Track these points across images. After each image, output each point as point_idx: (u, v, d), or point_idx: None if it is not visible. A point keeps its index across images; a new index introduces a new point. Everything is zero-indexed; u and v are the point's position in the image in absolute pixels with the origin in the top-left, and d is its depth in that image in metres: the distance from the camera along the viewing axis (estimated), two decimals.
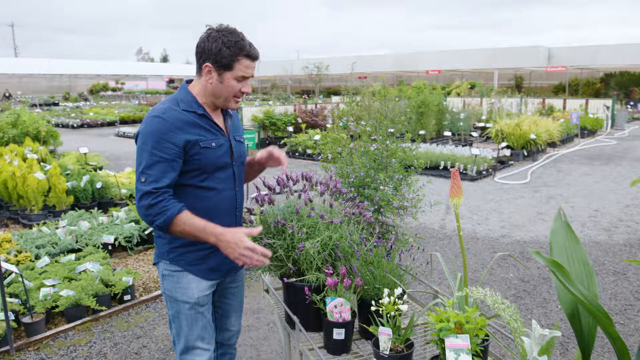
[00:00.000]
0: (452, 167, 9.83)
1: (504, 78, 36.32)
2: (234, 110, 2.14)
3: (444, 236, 5.94)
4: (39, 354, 3.39)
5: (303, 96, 30.58)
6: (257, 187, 2.31)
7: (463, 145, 12.62)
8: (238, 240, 1.84)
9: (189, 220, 1.87)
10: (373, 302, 1.86)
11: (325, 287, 2.10)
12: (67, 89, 44.44)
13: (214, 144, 2.01)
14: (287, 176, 2.37)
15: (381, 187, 2.44)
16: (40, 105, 30.92)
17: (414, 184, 2.61)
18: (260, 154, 2.28)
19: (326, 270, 2.09)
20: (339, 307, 2.03)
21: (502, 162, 10.64)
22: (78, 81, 46.57)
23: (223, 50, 1.91)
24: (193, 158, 1.95)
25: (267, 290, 2.82)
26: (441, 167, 9.95)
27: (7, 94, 32.31)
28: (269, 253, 1.87)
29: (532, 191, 8.29)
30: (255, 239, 2.26)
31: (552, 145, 12.97)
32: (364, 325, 2.03)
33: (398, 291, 1.84)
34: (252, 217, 2.30)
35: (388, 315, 1.81)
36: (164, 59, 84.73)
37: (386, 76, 41.30)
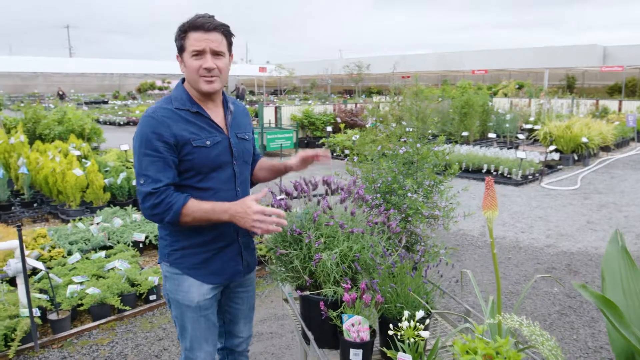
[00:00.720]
0: (496, 170, 9.41)
1: (555, 78, 34.87)
2: (209, 90, 1.91)
3: (484, 244, 5.63)
4: (62, 352, 3.37)
5: (344, 96, 30.39)
6: (272, 192, 2.15)
7: (508, 148, 12.09)
8: (246, 207, 1.78)
9: (197, 208, 1.83)
10: (391, 325, 1.67)
11: (343, 302, 1.93)
12: (116, 87, 46.02)
13: (208, 143, 1.91)
14: (305, 181, 2.21)
15: (409, 195, 2.24)
16: (90, 103, 32.13)
17: (447, 191, 2.39)
18: (292, 161, 2.17)
19: (344, 285, 1.92)
20: (356, 326, 1.85)
21: (549, 167, 10.11)
22: (127, 80, 48.13)
23: (176, 35, 1.88)
24: (186, 158, 1.88)
25: (286, 300, 2.67)
26: (484, 171, 9.54)
27: (60, 93, 33.72)
28: (282, 213, 1.82)
29: (582, 198, 7.79)
30: (269, 248, 2.12)
31: (606, 149, 12.24)
32: (383, 349, 1.84)
33: (419, 314, 1.64)
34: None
35: (409, 339, 1.62)
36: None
37: (430, 76, 40.52)
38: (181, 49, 1.88)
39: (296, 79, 37.62)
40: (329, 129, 13.54)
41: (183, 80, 2.01)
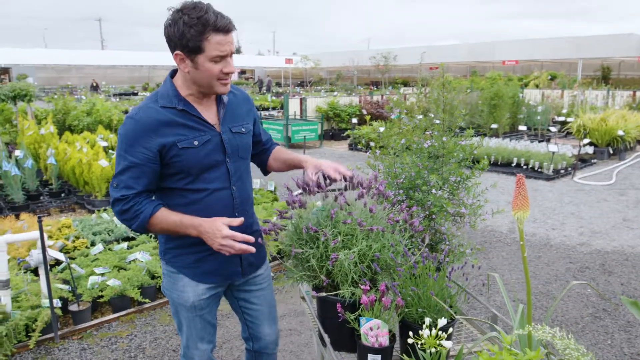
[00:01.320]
0: (526, 164, 9.11)
1: (589, 69, 33.74)
2: (224, 92, 1.82)
3: (512, 241, 5.43)
4: (81, 344, 3.38)
5: (370, 87, 30.09)
6: (288, 188, 2.06)
7: (540, 141, 11.71)
8: (215, 229, 1.71)
9: (164, 219, 1.77)
10: (411, 333, 1.56)
11: (362, 305, 1.83)
12: (146, 79, 46.71)
13: (196, 142, 1.80)
14: (324, 175, 2.11)
15: (433, 191, 2.12)
16: (121, 95, 32.67)
17: (474, 188, 2.26)
18: (308, 164, 2.04)
19: (362, 286, 1.82)
20: (375, 330, 1.75)
21: (583, 161, 9.74)
22: (156, 72, 48.79)
23: (186, 31, 1.66)
24: (172, 161, 1.78)
25: (303, 298, 2.59)
26: (514, 164, 9.26)
27: (94, 84, 34.44)
28: (251, 239, 1.75)
29: (617, 194, 7.47)
30: (285, 245, 2.03)
31: None
32: (403, 356, 1.73)
33: (442, 322, 1.53)
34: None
35: (430, 348, 1.51)
36: (237, 50, 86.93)
37: (459, 67, 39.76)
38: (196, 50, 1.68)
39: (322, 71, 37.44)
40: (355, 120, 13.38)
41: (172, 74, 1.87)
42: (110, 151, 8.14)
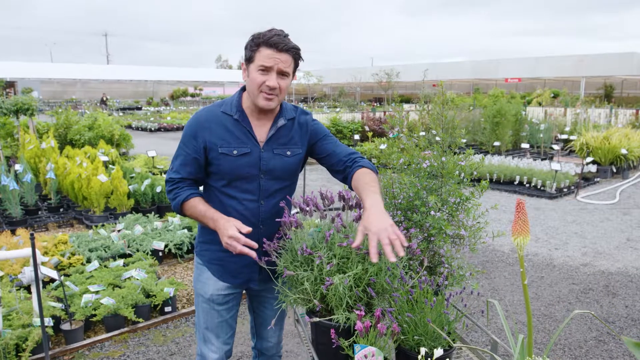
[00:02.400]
0: (529, 182, 9.05)
1: (592, 87, 33.79)
2: (265, 107, 1.92)
3: (515, 261, 5.35)
4: None
5: (372, 104, 30.18)
6: (285, 207, 2.01)
7: (542, 159, 11.67)
8: (225, 228, 1.84)
9: (195, 207, 1.96)
10: None
11: (356, 331, 1.76)
12: (150, 94, 47.06)
13: (235, 152, 1.95)
14: (321, 195, 2.05)
15: (432, 213, 2.06)
16: (124, 109, 32.83)
17: (474, 209, 2.20)
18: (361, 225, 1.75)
19: (357, 312, 1.75)
20: (369, 358, 1.69)
21: (586, 179, 9.67)
22: (161, 87, 49.16)
23: (248, 44, 1.91)
24: (212, 162, 1.97)
25: (297, 321, 2.51)
26: (516, 182, 9.20)
27: (104, 99, 34.69)
28: (254, 244, 1.83)
29: (621, 213, 7.38)
30: (279, 266, 1.96)
31: None
32: None
33: (438, 353, 1.46)
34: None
35: None
36: (239, 67, 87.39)
37: (462, 84, 39.88)
38: (250, 59, 1.91)
39: (325, 87, 37.60)
40: (357, 137, 13.37)
41: (244, 88, 2.04)
42: (110, 166, 8.12)
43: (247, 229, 1.84)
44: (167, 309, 3.95)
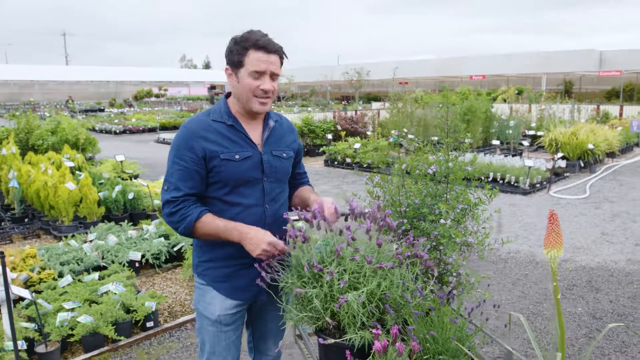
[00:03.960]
0: (502, 179, 9.16)
1: (553, 83, 34.82)
2: (260, 111, 1.93)
3: (498, 259, 5.36)
4: None
5: (342, 102, 30.20)
6: (288, 219, 1.90)
7: (513, 155, 11.86)
8: (262, 235, 1.81)
9: (210, 223, 1.85)
10: None
11: (372, 351, 1.66)
12: (113, 95, 45.75)
13: (237, 157, 1.90)
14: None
15: (442, 221, 1.97)
16: (87, 111, 31.79)
17: (481, 215, 2.13)
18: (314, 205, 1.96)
19: (374, 330, 1.65)
20: None
21: (556, 174, 9.87)
22: (123, 88, 47.88)
23: (233, 47, 1.85)
24: (214, 170, 1.89)
25: (299, 336, 2.39)
26: (490, 179, 9.30)
27: (70, 100, 33.57)
28: (287, 250, 1.85)
29: (592, 207, 7.54)
30: (284, 283, 1.84)
31: (610, 155, 12.02)
32: None
33: None
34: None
35: None
36: (207, 66, 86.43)
37: (428, 82, 40.39)
38: (238, 64, 1.85)
39: (294, 86, 37.42)
40: (330, 136, 13.29)
41: (227, 95, 2.01)
42: (77, 172, 7.77)
43: (282, 246, 1.86)
44: (149, 324, 3.75)
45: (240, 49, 1.83)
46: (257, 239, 1.81)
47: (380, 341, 1.64)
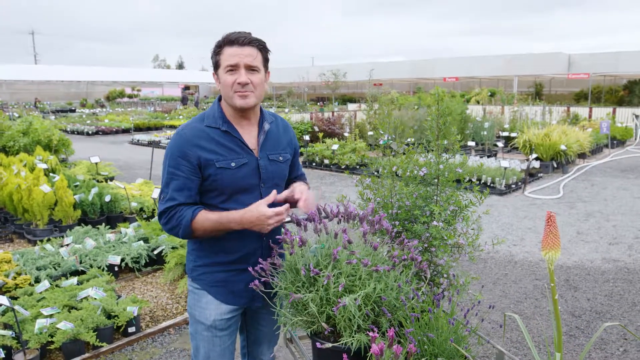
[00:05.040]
0: (479, 180, 9.31)
1: (524, 85, 35.59)
2: (243, 106, 1.87)
3: (478, 259, 5.45)
4: None
5: (319, 103, 30.23)
6: (283, 226, 1.88)
7: (488, 156, 12.08)
8: (261, 215, 1.77)
9: (206, 220, 1.82)
10: None
11: (368, 354, 1.66)
12: (84, 95, 44.70)
13: (233, 164, 1.87)
14: (319, 209, 1.94)
15: (434, 223, 1.99)
16: (57, 111, 31.01)
17: (471, 216, 2.16)
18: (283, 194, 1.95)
19: (370, 333, 1.65)
20: None
21: (531, 175, 10.09)
22: (95, 88, 46.83)
23: (212, 51, 1.87)
24: (210, 179, 1.86)
25: (290, 340, 2.38)
26: (466, 180, 9.42)
27: (37, 102, 32.70)
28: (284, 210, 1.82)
29: (567, 207, 7.74)
30: (279, 287, 1.83)
31: (582, 156, 12.34)
32: None
33: None
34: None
35: None
36: (180, 66, 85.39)
37: (403, 83, 40.78)
38: (216, 66, 1.86)
39: (269, 87, 37.26)
40: (307, 138, 13.29)
41: (219, 98, 1.97)
42: (51, 174, 7.57)
43: (272, 195, 1.83)
44: (131, 329, 3.68)
45: (216, 49, 1.85)
46: (260, 220, 1.78)
47: (377, 344, 1.65)
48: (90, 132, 20.47)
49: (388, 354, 1.65)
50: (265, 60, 1.92)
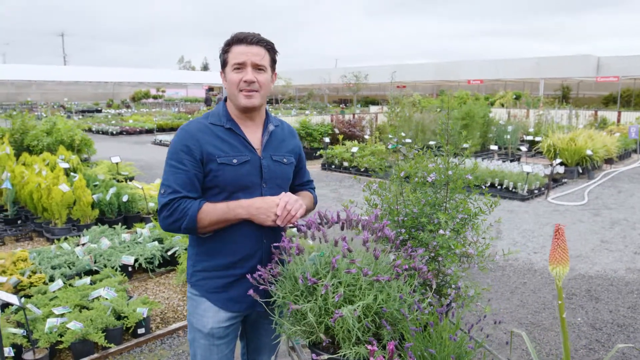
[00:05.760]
0: (500, 184, 9.11)
1: (550, 88, 34.87)
2: (247, 105, 1.86)
3: (496, 267, 5.30)
4: None
5: (340, 106, 30.16)
6: (282, 234, 1.83)
7: (511, 160, 11.83)
8: (270, 202, 1.78)
9: (212, 210, 1.80)
10: None
11: None
12: (111, 96, 45.59)
13: (235, 161, 1.85)
14: (320, 215, 1.88)
15: (440, 232, 1.91)
16: (84, 112, 31.65)
17: (481, 225, 2.07)
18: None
19: (369, 347, 1.58)
20: None
21: (554, 180, 9.82)
22: (121, 88, 47.72)
23: (221, 49, 1.88)
24: (211, 174, 1.84)
25: (292, 348, 2.32)
26: (487, 184, 9.24)
27: (65, 104, 33.59)
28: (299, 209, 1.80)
29: (591, 214, 7.50)
30: (278, 297, 1.77)
31: (608, 161, 11.98)
32: None
33: None
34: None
35: None
36: (205, 67, 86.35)
37: (426, 86, 40.40)
38: (224, 64, 1.87)
39: (291, 88, 37.38)
40: (327, 140, 13.23)
41: (225, 99, 1.97)
42: (72, 174, 7.68)
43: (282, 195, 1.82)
44: (141, 330, 3.67)
45: (224, 47, 1.85)
46: (268, 207, 1.78)
47: (376, 357, 1.58)
48: (114, 132, 20.82)
49: None
50: (273, 61, 1.91)
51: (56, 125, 10.04)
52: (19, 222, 6.61)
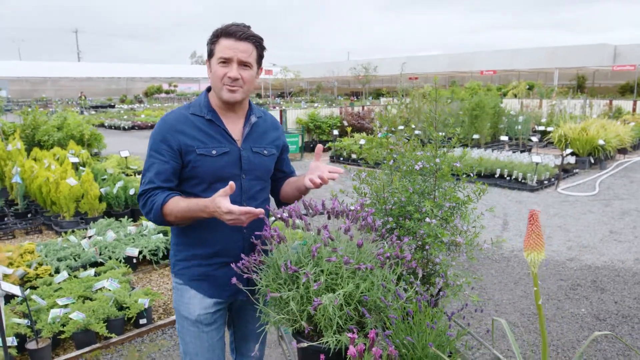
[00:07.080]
0: (509, 175, 9.01)
1: (565, 78, 34.32)
2: (229, 100, 1.84)
3: (501, 257, 5.26)
4: None
5: (350, 98, 30.04)
6: (264, 220, 1.83)
7: (521, 151, 11.69)
8: (217, 207, 1.65)
9: (175, 207, 1.76)
10: None
11: (349, 355, 1.59)
12: (124, 91, 46.00)
13: (214, 152, 1.84)
14: (305, 204, 1.87)
15: (427, 220, 1.89)
16: (97, 107, 32.00)
17: (470, 214, 2.04)
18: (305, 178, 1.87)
19: (349, 335, 1.58)
20: None
21: (565, 170, 9.69)
22: (134, 84, 48.10)
23: (208, 39, 1.85)
24: (189, 165, 1.83)
25: (282, 337, 2.33)
26: (497, 175, 9.15)
27: (81, 97, 33.96)
28: (255, 211, 1.65)
29: (602, 205, 7.38)
30: (260, 284, 1.78)
31: (622, 151, 11.77)
32: None
33: None
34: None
35: None
36: None
37: (438, 77, 40.00)
38: (210, 54, 1.85)
39: (302, 81, 37.31)
40: (336, 132, 13.20)
41: (209, 88, 1.96)
42: (81, 168, 7.78)
43: (231, 185, 1.66)
44: (142, 321, 3.72)
45: (212, 37, 1.83)
46: (218, 213, 1.67)
47: (356, 345, 1.57)
48: (126, 127, 21.01)
49: (367, 357, 1.58)
50: (260, 57, 1.90)
51: (66, 121, 10.16)
52: (29, 215, 6.72)
